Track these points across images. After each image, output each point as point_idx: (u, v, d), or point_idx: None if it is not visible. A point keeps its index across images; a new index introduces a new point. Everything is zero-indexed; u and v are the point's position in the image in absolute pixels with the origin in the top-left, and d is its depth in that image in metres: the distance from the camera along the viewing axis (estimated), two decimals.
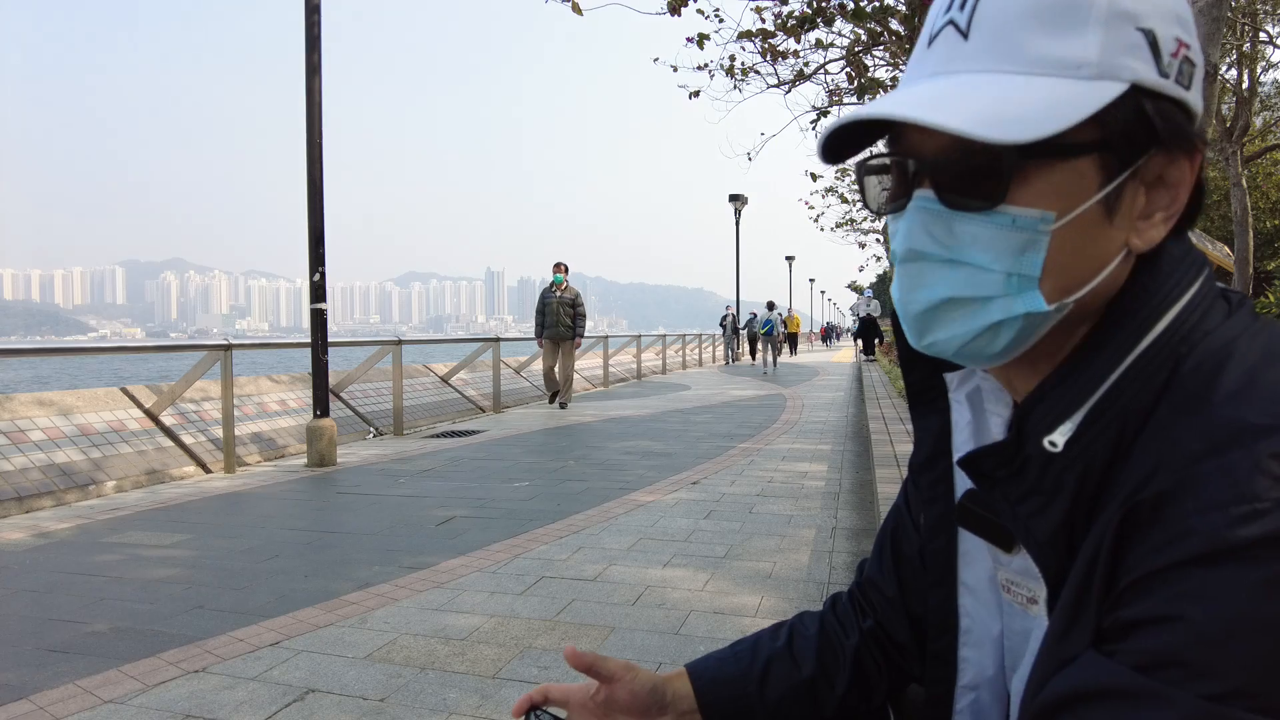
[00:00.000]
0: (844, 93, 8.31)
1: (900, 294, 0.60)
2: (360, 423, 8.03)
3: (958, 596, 0.71)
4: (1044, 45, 0.53)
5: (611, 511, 4.41)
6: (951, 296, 0.56)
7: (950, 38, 0.57)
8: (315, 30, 6.23)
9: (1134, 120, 0.53)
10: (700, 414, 9.57)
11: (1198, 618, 0.44)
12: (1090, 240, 0.54)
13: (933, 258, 0.57)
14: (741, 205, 24.88)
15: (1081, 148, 0.53)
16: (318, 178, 6.27)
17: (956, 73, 0.55)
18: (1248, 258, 11.19)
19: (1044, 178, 0.53)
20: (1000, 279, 0.55)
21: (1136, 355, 0.54)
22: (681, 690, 0.83)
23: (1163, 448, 0.50)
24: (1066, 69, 0.52)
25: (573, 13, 5.84)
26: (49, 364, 45.71)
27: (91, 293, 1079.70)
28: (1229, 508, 0.45)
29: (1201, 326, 0.54)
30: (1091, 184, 0.53)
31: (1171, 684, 0.44)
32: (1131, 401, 0.53)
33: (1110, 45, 0.52)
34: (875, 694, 0.84)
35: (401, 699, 2.20)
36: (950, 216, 0.55)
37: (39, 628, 2.78)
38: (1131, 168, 0.54)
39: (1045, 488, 0.56)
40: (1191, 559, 0.45)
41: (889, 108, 0.54)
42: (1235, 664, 0.43)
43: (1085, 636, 0.51)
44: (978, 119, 0.51)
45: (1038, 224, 0.53)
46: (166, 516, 4.50)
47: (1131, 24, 0.53)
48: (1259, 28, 10.83)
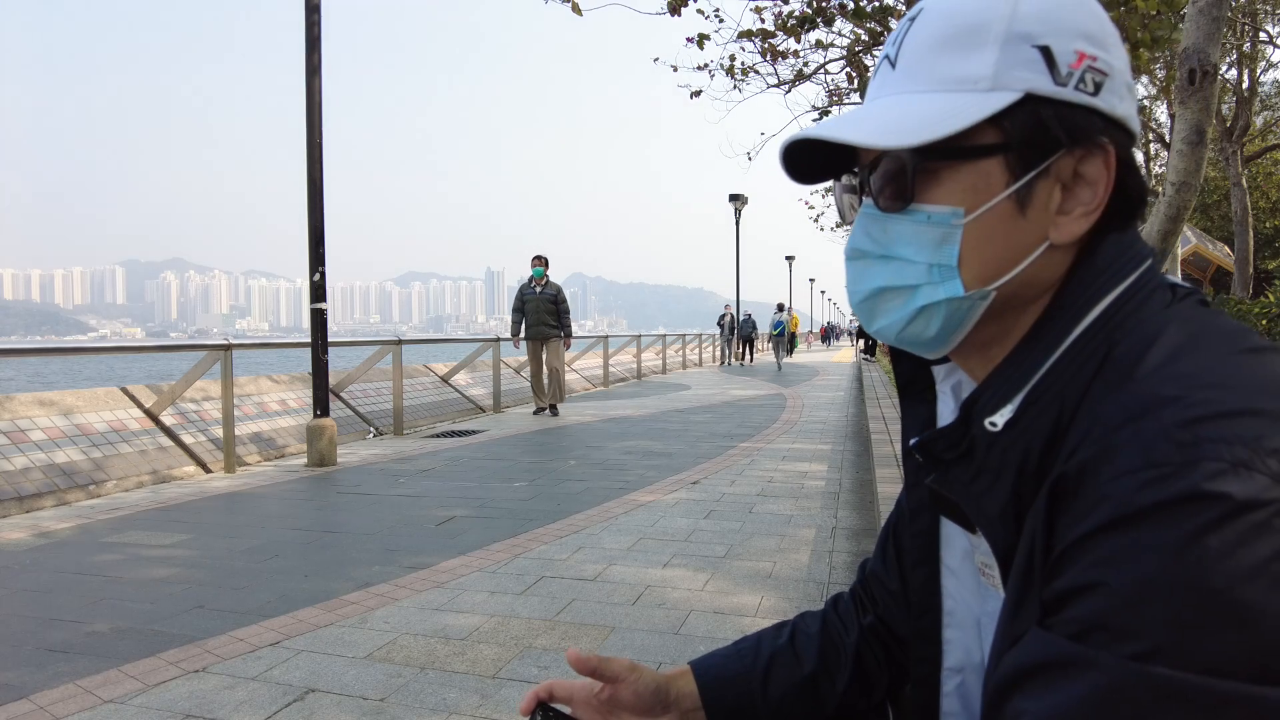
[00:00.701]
0: (844, 93, 8.31)
1: (848, 286, 0.68)
2: (360, 423, 8.03)
3: (940, 577, 0.74)
4: (948, 66, 0.60)
5: (611, 511, 4.41)
6: (884, 286, 0.64)
7: (884, 69, 0.65)
8: (315, 31, 6.23)
9: (1032, 125, 0.59)
10: (700, 414, 9.57)
11: (1115, 581, 0.46)
12: (1004, 233, 0.60)
13: (870, 254, 0.65)
14: (741, 205, 24.87)
15: (983, 150, 0.59)
16: (318, 178, 6.27)
17: (884, 96, 0.64)
18: (1248, 257, 11.19)
19: (953, 178, 0.60)
20: (924, 269, 0.61)
21: (1071, 340, 0.59)
22: (685, 689, 0.84)
23: (1088, 423, 0.53)
24: (965, 84, 0.59)
25: (573, 13, 5.84)
26: (49, 364, 45.71)
27: (91, 293, 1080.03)
28: (1139, 472, 0.47)
29: (1137, 315, 0.58)
30: (998, 183, 0.59)
31: (1098, 648, 0.46)
32: (1068, 384, 0.57)
33: (1005, 61, 0.59)
34: (875, 690, 0.85)
35: (401, 699, 2.20)
36: (884, 218, 0.63)
37: (39, 628, 2.78)
38: (1038, 168, 0.59)
39: (990, 466, 0.60)
40: (1105, 525, 0.47)
41: (815, 129, 0.63)
42: (1153, 623, 0.44)
43: (1033, 612, 0.52)
44: (878, 131, 0.59)
45: (949, 219, 0.60)
46: (167, 516, 4.50)
47: (1027, 42, 0.59)
48: (1259, 28, 10.83)
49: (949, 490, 0.65)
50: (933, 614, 0.74)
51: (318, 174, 6.27)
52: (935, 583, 0.74)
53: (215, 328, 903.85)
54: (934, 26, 0.62)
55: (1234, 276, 11.15)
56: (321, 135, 6.34)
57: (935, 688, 0.74)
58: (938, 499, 0.68)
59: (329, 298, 6.89)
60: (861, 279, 0.66)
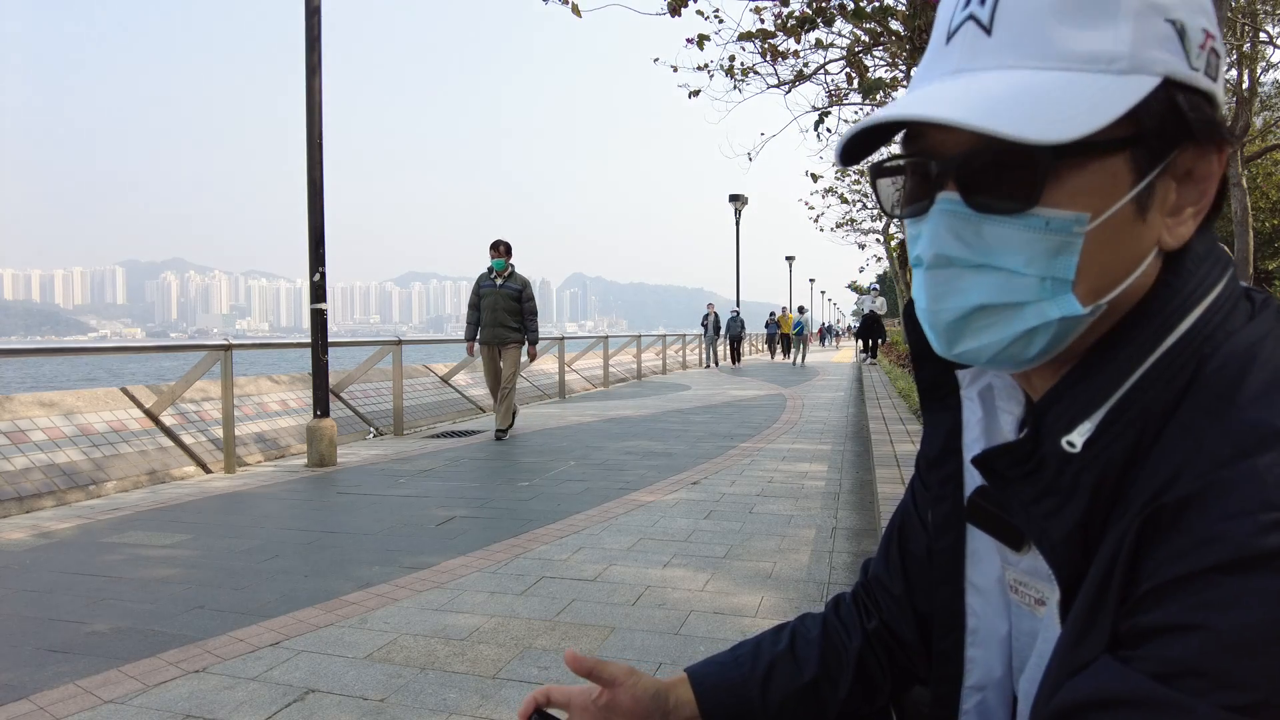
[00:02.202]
0: (844, 93, 8.31)
1: (928, 302, 0.57)
2: (360, 423, 8.03)
3: (965, 595, 0.71)
4: (1073, 39, 0.51)
5: (611, 511, 4.41)
6: (984, 303, 0.54)
7: (972, 33, 0.54)
8: (315, 30, 6.22)
9: (1167, 114, 0.51)
10: (700, 414, 9.56)
11: (1221, 627, 0.43)
12: (1123, 240, 0.53)
13: (961, 263, 0.54)
14: (742, 205, 24.87)
15: (1115, 145, 0.51)
16: (318, 178, 6.26)
17: (981, 69, 0.53)
18: (1248, 257, 11.19)
19: (1077, 177, 0.51)
20: (1034, 283, 0.53)
21: (1159, 355, 0.53)
22: (684, 696, 0.82)
23: (1186, 451, 0.49)
24: (1098, 63, 0.51)
25: (572, 14, 5.84)
26: (49, 364, 45.71)
27: (91, 293, 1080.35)
28: (1257, 514, 0.44)
29: (1225, 327, 0.53)
30: (1124, 182, 0.52)
31: (1191, 694, 0.43)
32: (1153, 403, 0.52)
33: (1141, 38, 0.51)
34: (879, 696, 0.83)
35: (401, 699, 2.20)
36: (979, 219, 0.53)
37: (39, 628, 2.78)
38: (1163, 163, 0.53)
39: (1061, 488, 0.54)
40: (1217, 566, 0.44)
41: (918, 108, 0.52)
42: (1258, 675, 0.42)
43: (1101, 642, 0.49)
44: (1011, 118, 0.49)
45: (1072, 226, 0.52)
46: (167, 516, 4.50)
47: (1161, 15, 0.51)
48: (1259, 28, 10.83)
49: (1004, 509, 0.61)
50: (956, 633, 0.71)
51: (318, 174, 6.26)
52: (959, 601, 0.71)
53: (215, 328, 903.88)
54: None
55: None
56: (321, 135, 6.33)
57: (955, 705, 0.72)
58: (981, 514, 0.64)
59: (329, 298, 6.89)
60: (950, 293, 0.55)
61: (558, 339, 12.87)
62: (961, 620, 0.71)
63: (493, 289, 7.56)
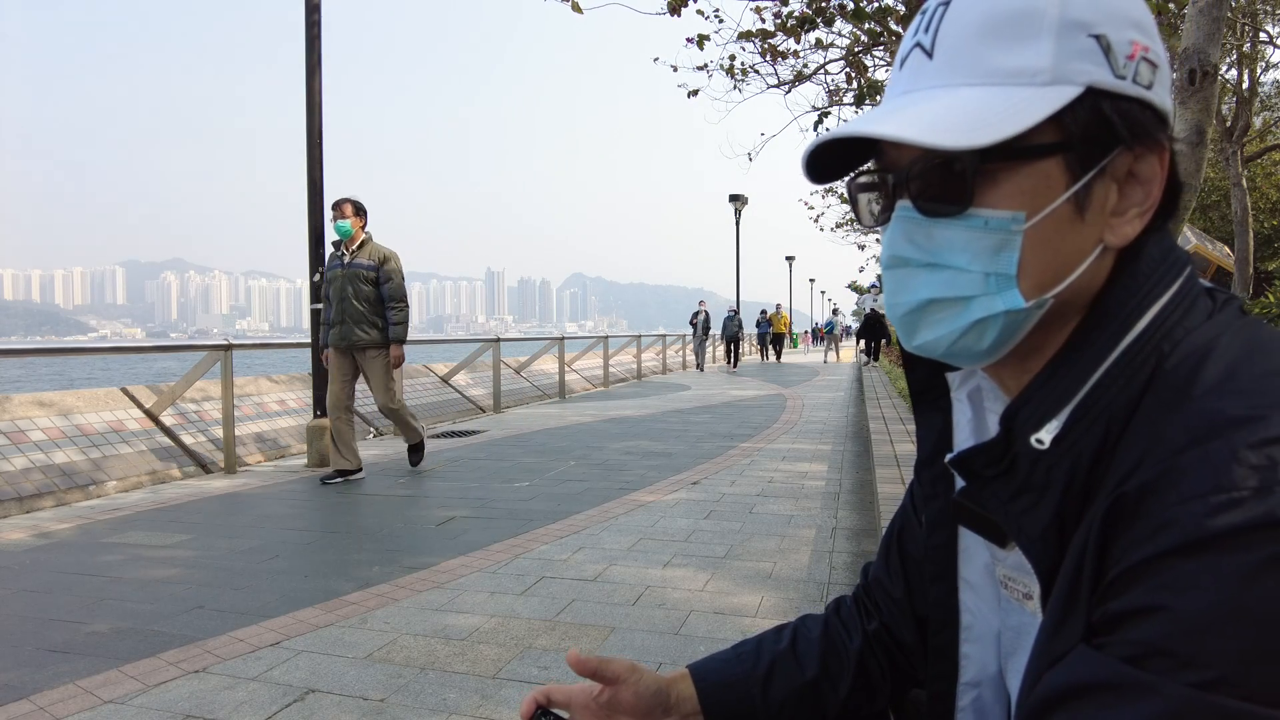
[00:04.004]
0: (844, 93, 8.31)
1: (888, 298, 0.63)
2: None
3: (959, 592, 0.72)
4: (999, 57, 0.56)
5: (612, 511, 4.41)
6: (934, 298, 0.59)
7: (917, 58, 0.60)
8: (315, 30, 6.23)
9: (1093, 121, 0.55)
10: (700, 414, 9.56)
11: (1181, 607, 0.45)
12: (1063, 238, 0.57)
13: (914, 262, 0.59)
14: (742, 205, 24.86)
15: (1044, 149, 0.55)
16: (318, 177, 6.26)
17: (922, 89, 0.59)
18: (1248, 257, 11.18)
19: (1011, 180, 0.56)
20: (979, 279, 0.57)
21: (1119, 353, 0.56)
22: (685, 692, 0.83)
23: (1146, 441, 0.51)
24: (1020, 77, 0.55)
25: (573, 12, 5.84)
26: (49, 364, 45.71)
27: (91, 293, 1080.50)
28: (1208, 497, 0.45)
29: (1184, 324, 0.56)
30: (1059, 184, 0.56)
31: (1158, 673, 0.44)
32: (1116, 398, 0.55)
33: (1063, 52, 0.55)
34: (878, 697, 0.84)
35: (402, 699, 2.20)
36: (929, 223, 0.58)
37: (39, 628, 2.78)
38: (1097, 166, 0.56)
39: (1034, 485, 0.57)
40: (1173, 549, 0.46)
41: (855, 126, 0.58)
42: (1220, 652, 0.43)
43: (1076, 631, 0.51)
44: (934, 128, 0.54)
45: (1009, 224, 0.56)
46: (167, 516, 4.49)
47: (1083, 31, 0.55)
48: (1259, 28, 10.83)
49: (984, 507, 0.62)
50: (950, 629, 0.72)
51: (318, 174, 6.26)
52: (954, 598, 0.72)
53: (215, 328, 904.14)
54: (976, 12, 0.57)
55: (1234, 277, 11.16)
56: (321, 134, 6.33)
57: (950, 702, 0.73)
58: (965, 513, 0.66)
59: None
60: (904, 289, 0.61)
61: (558, 339, 12.88)
62: (956, 616, 0.72)
63: (339, 269, 5.51)
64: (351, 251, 5.54)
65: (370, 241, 5.62)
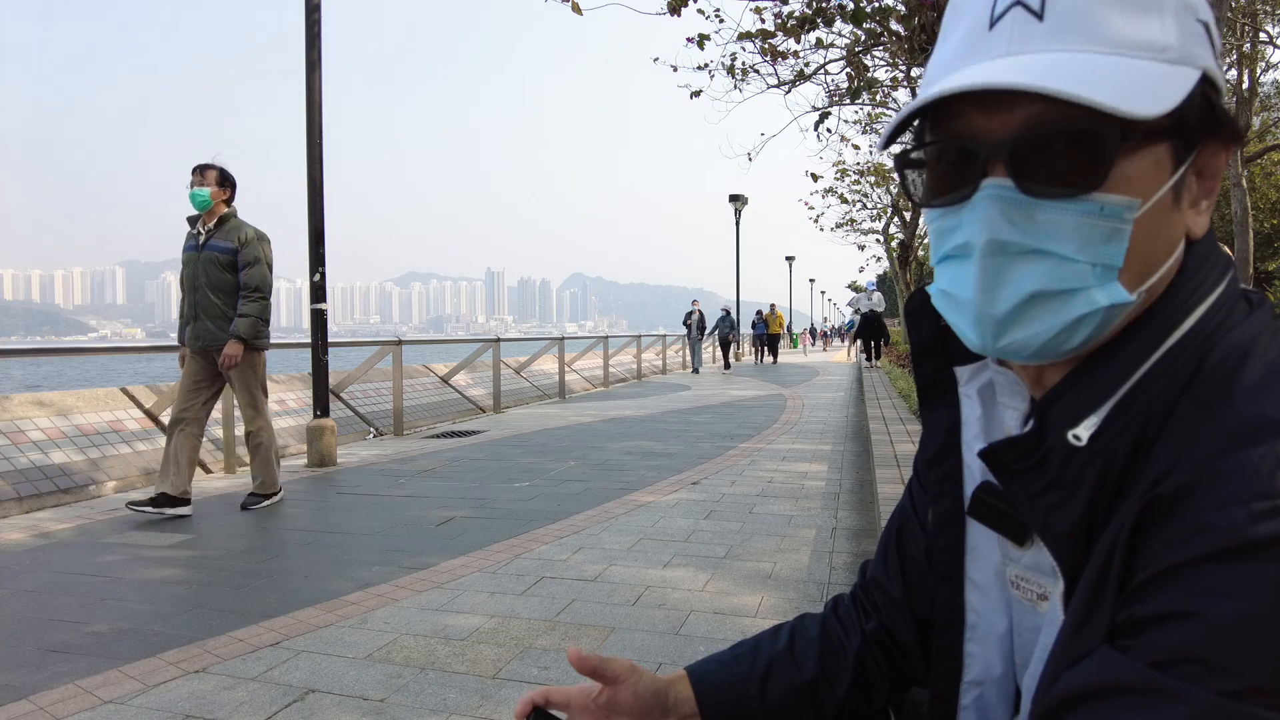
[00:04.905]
0: (844, 93, 8.31)
1: (977, 294, 0.55)
2: (360, 423, 8.03)
3: (964, 592, 0.71)
4: (1126, 26, 0.51)
5: (611, 512, 4.41)
6: (1038, 290, 0.53)
7: (1021, 17, 0.53)
8: (316, 29, 6.22)
9: (1205, 107, 0.53)
10: (700, 414, 9.56)
11: (1215, 614, 0.44)
12: (1163, 227, 0.54)
13: (1015, 249, 0.53)
14: (741, 205, 24.85)
15: (1162, 132, 0.52)
16: (318, 177, 6.26)
17: (1035, 52, 0.52)
18: (1248, 258, 11.18)
19: (1130, 163, 0.51)
20: (1086, 270, 0.52)
21: (1164, 352, 0.54)
22: (684, 694, 0.83)
23: (1183, 443, 0.50)
24: (1151, 51, 0.51)
25: (573, 12, 5.84)
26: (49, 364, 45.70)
27: (91, 293, 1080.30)
28: (1249, 503, 0.44)
29: (1225, 324, 0.54)
30: (1165, 170, 0.53)
31: (1187, 680, 0.44)
32: (1156, 398, 0.53)
33: (1183, 32, 0.52)
34: (877, 696, 0.83)
35: (401, 699, 2.20)
36: (1031, 205, 0.52)
37: (39, 628, 2.78)
38: (1193, 155, 0.54)
39: (1066, 481, 0.55)
40: (1209, 555, 0.45)
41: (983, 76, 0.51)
42: (1252, 661, 0.42)
43: (1100, 631, 0.50)
44: (1101, 90, 0.48)
45: (1124, 211, 0.52)
46: (166, 516, 4.49)
47: (1192, 14, 0.53)
48: (1259, 28, 10.83)
49: (1008, 503, 0.61)
50: (955, 629, 0.72)
51: (318, 174, 6.26)
52: (959, 598, 0.71)
53: None
54: None
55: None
56: (322, 134, 6.33)
57: (953, 701, 0.72)
58: (985, 509, 0.65)
59: (329, 298, 6.89)
60: (1003, 283, 0.54)
61: (558, 339, 12.88)
62: (961, 616, 0.71)
63: (193, 252, 4.58)
64: (208, 230, 4.54)
65: (234, 219, 4.60)
